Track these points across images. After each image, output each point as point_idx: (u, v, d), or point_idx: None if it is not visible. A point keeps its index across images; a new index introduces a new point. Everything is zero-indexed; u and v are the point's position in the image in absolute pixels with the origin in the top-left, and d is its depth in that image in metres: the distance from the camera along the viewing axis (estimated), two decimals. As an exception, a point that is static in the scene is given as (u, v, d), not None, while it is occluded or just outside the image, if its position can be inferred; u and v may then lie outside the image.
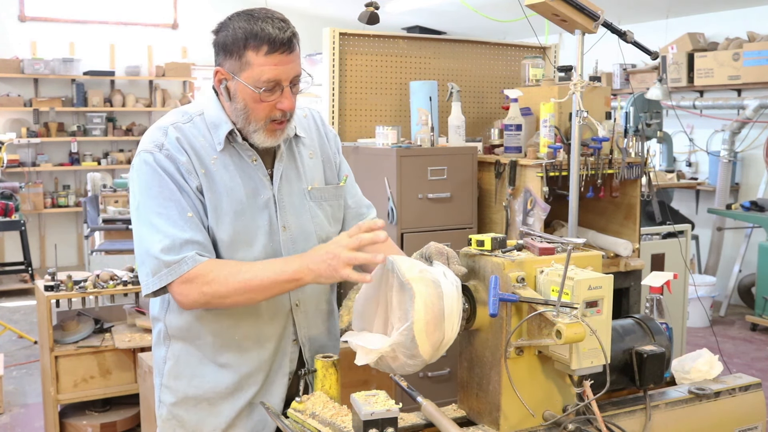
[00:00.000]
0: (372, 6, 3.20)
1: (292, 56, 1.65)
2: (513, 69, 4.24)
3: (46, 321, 3.49)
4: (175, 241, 1.62)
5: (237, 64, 1.65)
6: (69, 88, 8.21)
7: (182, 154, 1.68)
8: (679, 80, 6.77)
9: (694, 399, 1.73)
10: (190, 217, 1.66)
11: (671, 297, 4.08)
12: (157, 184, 1.66)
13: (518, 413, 1.54)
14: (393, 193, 3.31)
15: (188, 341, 1.76)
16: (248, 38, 1.62)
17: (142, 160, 1.68)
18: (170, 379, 1.79)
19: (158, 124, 1.74)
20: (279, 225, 1.76)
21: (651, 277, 1.94)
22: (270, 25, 1.62)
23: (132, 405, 3.69)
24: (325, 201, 1.86)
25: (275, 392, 1.79)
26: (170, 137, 1.69)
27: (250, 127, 1.69)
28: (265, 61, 1.62)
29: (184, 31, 8.86)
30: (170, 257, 1.62)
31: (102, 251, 5.89)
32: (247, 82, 1.64)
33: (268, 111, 1.67)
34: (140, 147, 1.71)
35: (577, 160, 2.99)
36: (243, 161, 1.73)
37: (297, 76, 1.68)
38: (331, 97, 3.75)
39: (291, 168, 1.80)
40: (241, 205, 1.71)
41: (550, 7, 2.76)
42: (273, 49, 1.62)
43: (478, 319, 1.57)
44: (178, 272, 1.62)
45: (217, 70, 1.69)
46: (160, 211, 1.65)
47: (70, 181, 8.39)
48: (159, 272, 1.63)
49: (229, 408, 1.75)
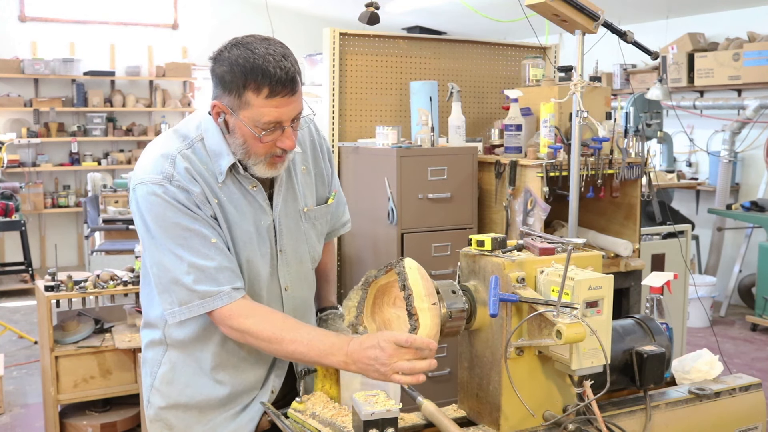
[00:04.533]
0: (372, 6, 3.20)
1: (294, 97, 1.56)
2: (513, 69, 4.24)
3: (46, 321, 3.49)
4: (204, 272, 1.57)
5: (236, 102, 1.56)
6: (69, 88, 8.21)
7: (195, 185, 1.60)
8: (680, 80, 6.77)
9: (695, 399, 1.73)
10: (214, 243, 1.60)
11: (671, 297, 4.08)
12: (173, 215, 1.58)
13: (518, 413, 1.54)
14: (393, 193, 3.31)
15: (186, 353, 1.75)
16: (248, 78, 1.52)
17: (150, 192, 1.58)
18: (162, 383, 1.78)
19: (162, 150, 1.63)
20: (277, 249, 1.75)
21: (651, 278, 1.94)
22: (271, 64, 1.51)
23: (132, 405, 3.69)
24: (317, 220, 1.85)
25: (258, 404, 1.80)
26: (179, 167, 1.60)
27: (250, 161, 1.63)
28: (266, 104, 1.54)
29: (184, 31, 8.87)
30: (203, 288, 1.58)
31: (102, 251, 5.89)
32: (247, 122, 1.56)
33: (268, 149, 1.61)
34: (143, 176, 1.61)
35: (578, 160, 2.99)
36: (244, 189, 1.69)
37: (299, 113, 1.61)
38: (331, 97, 3.75)
39: (289, 189, 1.77)
40: (248, 235, 1.69)
41: (550, 7, 2.76)
42: (274, 92, 1.53)
43: (478, 319, 1.57)
44: (213, 306, 1.59)
45: (215, 104, 1.60)
46: (180, 242, 1.58)
47: (71, 181, 8.39)
48: (190, 303, 1.60)
49: (218, 416, 1.76)
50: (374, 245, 3.48)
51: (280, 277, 1.77)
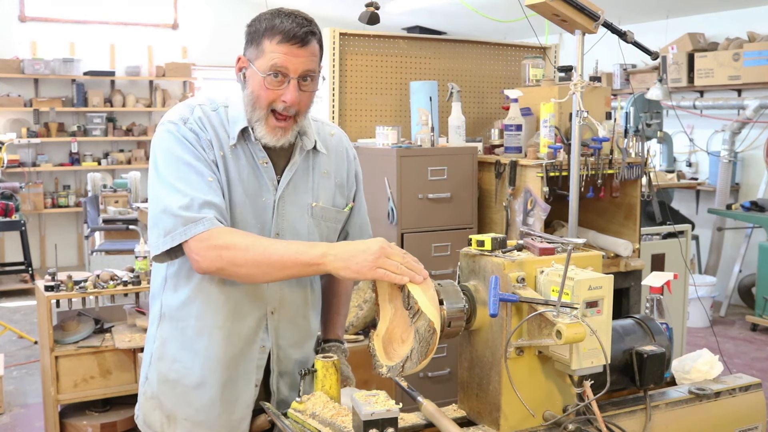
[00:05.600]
0: (372, 6, 3.20)
1: (303, 50, 1.68)
2: (513, 69, 4.24)
3: (46, 321, 3.49)
4: (194, 200, 1.64)
5: (254, 51, 1.70)
6: (69, 88, 8.21)
7: (205, 132, 1.73)
8: (680, 80, 6.77)
9: (695, 399, 1.73)
10: (211, 182, 1.68)
11: (671, 297, 4.08)
12: (179, 150, 1.69)
13: (518, 413, 1.53)
14: (393, 193, 3.31)
15: (175, 322, 1.78)
16: (266, 27, 1.68)
17: (165, 130, 1.73)
18: (156, 359, 1.83)
19: (186, 102, 1.80)
20: (273, 231, 1.77)
21: (651, 278, 1.94)
22: (291, 20, 1.67)
23: (132, 405, 3.66)
24: (324, 221, 1.85)
25: (241, 398, 1.79)
26: (195, 115, 1.74)
27: (255, 116, 1.72)
28: (276, 49, 1.66)
29: (184, 31, 8.86)
30: (189, 214, 1.63)
31: (102, 251, 5.90)
32: (258, 68, 1.69)
33: (271, 98, 1.70)
34: (165, 118, 1.76)
35: (578, 160, 2.99)
36: (253, 161, 1.76)
37: (307, 71, 1.70)
38: (331, 97, 3.75)
39: (301, 179, 1.81)
40: (241, 199, 1.74)
41: (550, 7, 2.76)
42: (285, 39, 1.66)
43: (478, 319, 1.57)
44: (194, 231, 1.62)
45: (239, 57, 1.75)
46: (180, 175, 1.67)
47: (71, 181, 8.39)
48: (174, 231, 1.64)
49: (197, 399, 1.77)
50: (374, 245, 3.48)
51: None
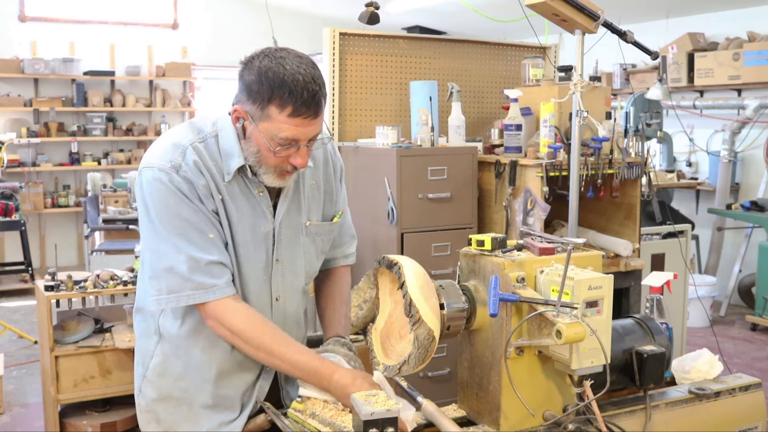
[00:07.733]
0: (372, 6, 3.20)
1: (316, 120, 1.58)
2: (513, 69, 4.24)
3: (46, 321, 3.49)
4: (199, 262, 1.60)
5: (258, 112, 1.57)
6: (69, 88, 8.21)
7: (200, 178, 1.62)
8: (679, 80, 6.77)
9: (694, 399, 1.73)
10: (212, 239, 1.62)
11: (671, 297, 4.08)
12: (175, 205, 1.60)
13: (518, 413, 1.54)
14: (393, 193, 3.31)
15: (177, 346, 1.75)
16: (274, 92, 1.53)
17: (155, 178, 1.60)
18: (155, 374, 1.78)
19: (174, 140, 1.65)
20: (273, 258, 1.75)
21: (651, 277, 1.94)
22: (299, 84, 1.52)
23: (132, 405, 3.65)
24: (318, 236, 1.84)
25: (245, 410, 1.79)
26: (188, 159, 1.62)
27: (261, 170, 1.65)
28: (287, 121, 1.55)
29: (184, 31, 8.86)
30: (197, 279, 1.60)
31: (102, 251, 5.89)
32: (265, 134, 1.58)
33: (279, 163, 1.63)
34: (151, 161, 1.63)
35: (577, 160, 2.99)
36: (249, 192, 1.70)
37: (317, 135, 1.63)
38: (331, 97, 3.75)
39: (294, 201, 1.78)
40: (245, 237, 1.70)
41: (550, 7, 2.76)
42: (297, 112, 1.54)
43: (478, 319, 1.57)
44: (204, 298, 1.61)
45: (236, 108, 1.61)
46: (179, 232, 1.60)
47: (70, 181, 8.39)
48: (180, 292, 1.61)
49: (206, 421, 1.75)
50: (374, 245, 3.48)
51: (272, 287, 1.77)
